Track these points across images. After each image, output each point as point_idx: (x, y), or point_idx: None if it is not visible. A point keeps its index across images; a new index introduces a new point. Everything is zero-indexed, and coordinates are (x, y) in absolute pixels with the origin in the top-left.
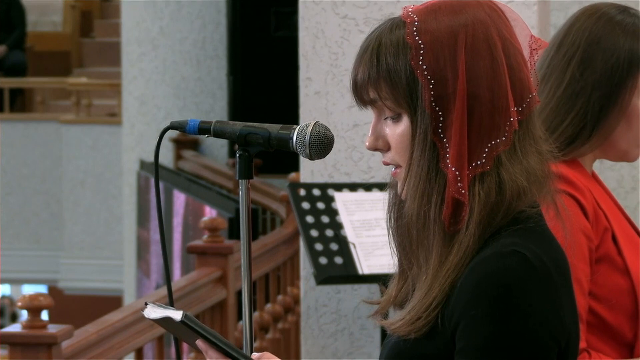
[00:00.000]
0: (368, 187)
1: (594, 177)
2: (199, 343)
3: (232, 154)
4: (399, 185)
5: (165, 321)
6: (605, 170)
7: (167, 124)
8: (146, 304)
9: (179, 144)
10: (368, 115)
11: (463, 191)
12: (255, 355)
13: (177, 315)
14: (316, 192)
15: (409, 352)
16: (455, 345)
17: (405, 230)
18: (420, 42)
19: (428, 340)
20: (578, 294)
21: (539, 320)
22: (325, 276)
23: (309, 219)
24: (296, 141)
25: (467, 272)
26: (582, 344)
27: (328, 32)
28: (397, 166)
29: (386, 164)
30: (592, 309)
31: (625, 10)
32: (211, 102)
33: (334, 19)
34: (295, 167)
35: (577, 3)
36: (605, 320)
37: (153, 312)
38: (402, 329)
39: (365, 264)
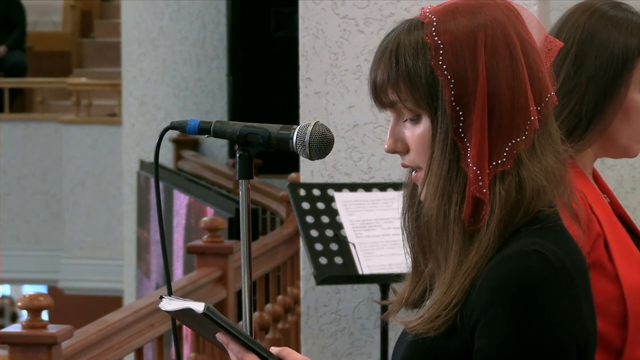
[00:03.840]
0: (368, 187)
1: (594, 175)
2: (220, 336)
3: (232, 154)
4: (419, 187)
5: (183, 313)
6: (606, 170)
7: (167, 124)
8: (161, 297)
9: (179, 144)
10: (368, 115)
11: (484, 190)
12: (275, 349)
13: (199, 307)
14: (316, 192)
15: (427, 350)
16: (474, 343)
17: (424, 231)
18: (439, 42)
19: (447, 339)
20: None
21: (559, 320)
22: (325, 276)
23: (309, 219)
24: (296, 141)
25: (488, 271)
26: None
27: (328, 32)
28: (417, 169)
29: (405, 166)
30: None
31: (617, 5)
32: (211, 102)
33: (334, 19)
34: (295, 167)
35: (576, 3)
36: None
37: (170, 304)
38: (420, 327)
39: (365, 264)
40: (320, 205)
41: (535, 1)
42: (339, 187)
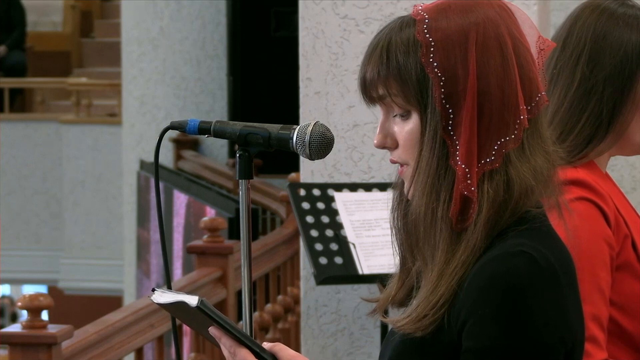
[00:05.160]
0: (368, 187)
1: (607, 176)
2: (213, 330)
3: (232, 154)
4: (406, 184)
5: (176, 307)
6: None
7: (167, 124)
8: (154, 289)
9: (179, 144)
10: (368, 115)
11: (472, 188)
12: (267, 344)
13: (192, 300)
14: (316, 192)
15: (414, 350)
16: (461, 344)
17: (411, 228)
18: (431, 39)
19: (434, 339)
20: (601, 304)
21: (546, 321)
22: (325, 276)
23: (309, 219)
24: (296, 141)
25: (475, 272)
26: (604, 354)
27: (328, 32)
28: (404, 164)
29: (393, 161)
30: (610, 315)
31: (624, 3)
32: (211, 102)
33: (334, 19)
34: (295, 167)
35: (577, 3)
36: (622, 327)
37: (162, 297)
38: (408, 326)
39: (365, 264)
40: (320, 205)
41: (535, 1)
42: (339, 187)
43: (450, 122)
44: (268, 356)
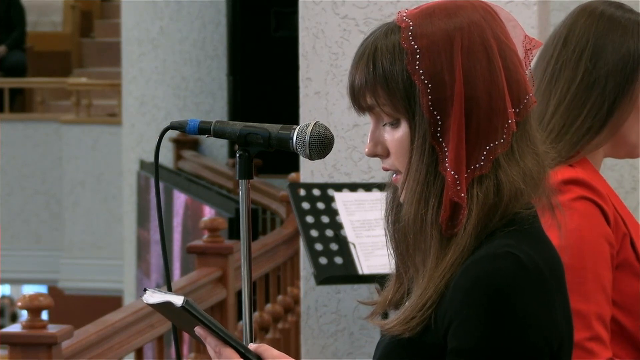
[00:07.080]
0: (368, 187)
1: (601, 176)
2: (198, 330)
3: (232, 154)
4: (399, 189)
5: (165, 307)
6: (606, 170)
7: (167, 124)
8: (145, 289)
9: (179, 144)
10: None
11: (462, 194)
12: (252, 345)
13: (178, 300)
14: (316, 192)
15: (402, 350)
16: (447, 344)
17: (401, 234)
18: (416, 46)
19: (421, 340)
20: (604, 303)
21: (531, 322)
22: (325, 276)
23: (309, 219)
24: (296, 141)
25: (461, 273)
26: (609, 353)
27: (328, 32)
28: (398, 172)
29: (386, 169)
30: (612, 315)
31: (620, 6)
32: (211, 102)
33: (334, 19)
34: (295, 167)
35: (577, 3)
36: (623, 326)
37: (152, 297)
38: (396, 328)
39: (365, 264)
40: (320, 205)
41: (535, 1)
42: (339, 187)
43: (439, 128)
44: (253, 356)
